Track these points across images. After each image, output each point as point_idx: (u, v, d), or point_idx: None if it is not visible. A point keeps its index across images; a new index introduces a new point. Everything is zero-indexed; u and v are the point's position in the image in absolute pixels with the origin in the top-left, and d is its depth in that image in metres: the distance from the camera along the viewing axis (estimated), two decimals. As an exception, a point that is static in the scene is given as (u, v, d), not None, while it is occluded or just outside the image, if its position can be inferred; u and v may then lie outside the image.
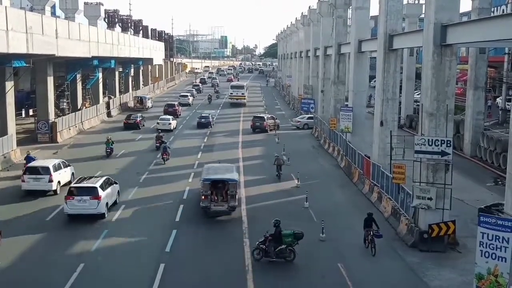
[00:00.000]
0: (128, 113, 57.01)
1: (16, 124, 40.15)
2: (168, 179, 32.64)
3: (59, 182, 28.95)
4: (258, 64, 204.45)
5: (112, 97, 66.01)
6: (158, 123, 50.90)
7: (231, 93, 76.68)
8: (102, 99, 61.43)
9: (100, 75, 60.36)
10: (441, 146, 21.34)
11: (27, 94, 56.36)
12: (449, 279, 19.15)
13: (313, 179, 33.43)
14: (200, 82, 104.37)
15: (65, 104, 52.41)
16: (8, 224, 23.45)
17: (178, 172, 34.64)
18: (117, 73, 69.96)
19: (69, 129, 46.88)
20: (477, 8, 37.43)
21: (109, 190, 25.85)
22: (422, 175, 22.17)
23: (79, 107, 54.92)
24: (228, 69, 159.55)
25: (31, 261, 19.98)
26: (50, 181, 28.10)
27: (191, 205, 27.00)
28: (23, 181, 28.35)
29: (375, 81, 35.00)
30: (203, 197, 25.11)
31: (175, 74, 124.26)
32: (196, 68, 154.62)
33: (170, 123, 51.16)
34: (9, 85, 36.64)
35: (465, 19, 39.48)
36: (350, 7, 42.46)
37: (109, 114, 60.02)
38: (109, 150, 38.62)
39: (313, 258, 20.92)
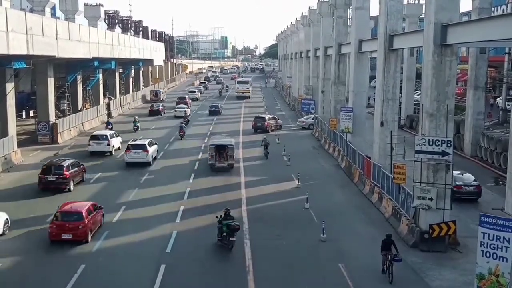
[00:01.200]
0: (148, 104, 72.26)
1: (17, 126, 40.17)
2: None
3: (113, 146, 39.82)
4: (261, 64, 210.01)
5: (113, 98, 66.06)
6: (175, 110, 62.98)
7: (237, 88, 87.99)
8: (102, 100, 61.52)
9: (101, 76, 60.39)
10: (441, 146, 21.33)
11: (27, 95, 56.38)
12: (450, 279, 19.15)
13: (313, 179, 33.43)
14: (205, 80, 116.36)
15: (65, 105, 52.45)
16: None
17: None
18: (117, 74, 69.99)
19: (70, 130, 46.90)
20: (477, 8, 37.42)
21: (152, 147, 37.53)
22: (422, 175, 22.16)
23: (79, 108, 54.95)
24: (231, 69, 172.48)
25: (31, 262, 19.99)
26: (108, 144, 39.32)
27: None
28: (89, 145, 39.37)
29: (375, 82, 35.00)
30: (210, 157, 35.43)
31: (175, 75, 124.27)
32: (203, 69, 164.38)
33: (185, 111, 62.62)
34: (10, 86, 36.65)
35: (465, 19, 39.48)
36: (350, 7, 42.47)
37: (109, 115, 60.03)
38: (136, 127, 50.87)
39: (314, 258, 20.93)
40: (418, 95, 54.26)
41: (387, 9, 29.59)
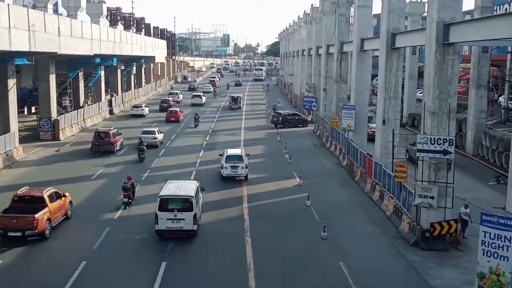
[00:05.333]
0: (180, 84, 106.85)
1: (19, 122, 40.22)
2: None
3: (180, 98, 76.67)
4: (269, 61, 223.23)
5: (115, 95, 66.10)
6: (204, 87, 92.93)
7: (255, 73, 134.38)
8: (104, 97, 61.58)
9: (102, 73, 60.45)
10: (443, 144, 21.32)
11: (29, 91, 56.41)
12: (451, 278, 19.14)
13: (315, 177, 33.42)
14: (218, 71, 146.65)
15: (67, 101, 52.40)
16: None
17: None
18: (119, 71, 70.04)
19: (71, 126, 46.94)
20: (480, 6, 37.34)
21: (204, 97, 75.14)
22: (424, 174, 22.15)
23: (81, 105, 54.98)
24: (244, 63, 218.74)
25: (32, 259, 20.02)
26: (178, 97, 75.55)
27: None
28: (168, 97, 72.14)
29: (377, 80, 34.98)
30: (229, 103, 70.55)
31: (177, 72, 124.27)
32: (214, 64, 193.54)
33: (210, 87, 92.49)
34: (12, 82, 36.67)
35: (467, 17, 39.37)
36: (353, 5, 42.39)
37: (111, 112, 60.07)
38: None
39: (315, 256, 20.93)
40: (420, 93, 54.19)
41: (389, 7, 29.54)
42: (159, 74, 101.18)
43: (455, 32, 21.18)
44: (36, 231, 21.02)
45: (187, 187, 23.34)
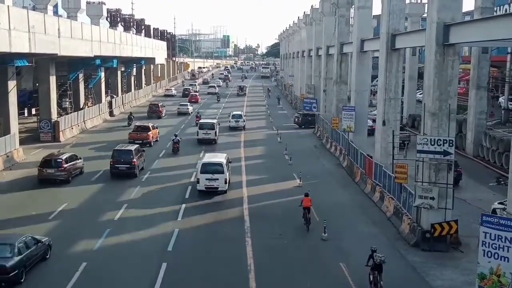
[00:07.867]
0: (191, 79, 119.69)
1: (19, 123, 40.23)
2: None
3: (196, 89, 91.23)
4: (270, 61, 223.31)
5: (115, 96, 66.08)
6: (214, 82, 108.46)
7: (262, 70, 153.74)
8: (104, 99, 61.58)
9: (103, 74, 60.45)
10: (443, 145, 21.32)
11: (29, 93, 56.33)
12: (451, 278, 19.14)
13: (315, 178, 33.42)
14: (225, 69, 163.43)
15: (67, 103, 52.43)
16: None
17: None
18: (119, 72, 69.98)
19: (72, 128, 46.93)
20: (480, 7, 37.35)
21: (218, 88, 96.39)
22: (424, 175, 22.15)
23: (81, 106, 54.98)
24: (247, 63, 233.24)
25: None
26: (196, 87, 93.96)
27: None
28: (186, 85, 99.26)
29: (377, 81, 35.01)
30: (237, 90, 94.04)
31: (177, 73, 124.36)
32: (221, 64, 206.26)
33: (221, 83, 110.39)
34: (12, 84, 36.68)
35: (467, 18, 39.38)
36: (353, 6, 42.39)
37: (111, 113, 60.06)
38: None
39: (315, 257, 20.94)
40: (420, 94, 54.18)
41: (389, 8, 29.56)
42: (159, 75, 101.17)
43: (455, 33, 21.19)
44: (148, 140, 42.47)
45: (210, 121, 46.84)
